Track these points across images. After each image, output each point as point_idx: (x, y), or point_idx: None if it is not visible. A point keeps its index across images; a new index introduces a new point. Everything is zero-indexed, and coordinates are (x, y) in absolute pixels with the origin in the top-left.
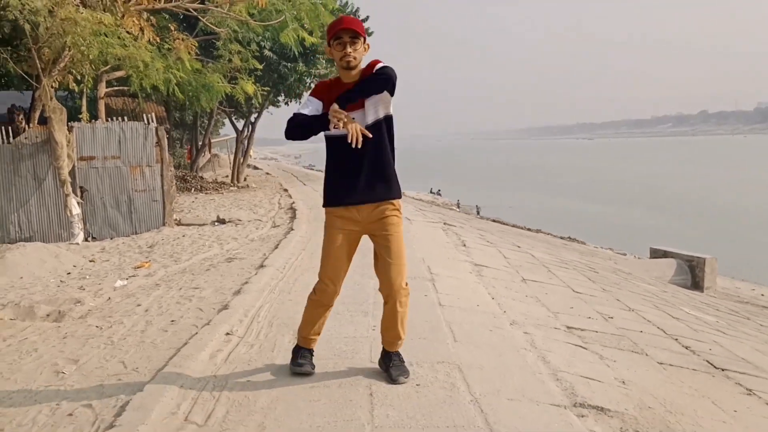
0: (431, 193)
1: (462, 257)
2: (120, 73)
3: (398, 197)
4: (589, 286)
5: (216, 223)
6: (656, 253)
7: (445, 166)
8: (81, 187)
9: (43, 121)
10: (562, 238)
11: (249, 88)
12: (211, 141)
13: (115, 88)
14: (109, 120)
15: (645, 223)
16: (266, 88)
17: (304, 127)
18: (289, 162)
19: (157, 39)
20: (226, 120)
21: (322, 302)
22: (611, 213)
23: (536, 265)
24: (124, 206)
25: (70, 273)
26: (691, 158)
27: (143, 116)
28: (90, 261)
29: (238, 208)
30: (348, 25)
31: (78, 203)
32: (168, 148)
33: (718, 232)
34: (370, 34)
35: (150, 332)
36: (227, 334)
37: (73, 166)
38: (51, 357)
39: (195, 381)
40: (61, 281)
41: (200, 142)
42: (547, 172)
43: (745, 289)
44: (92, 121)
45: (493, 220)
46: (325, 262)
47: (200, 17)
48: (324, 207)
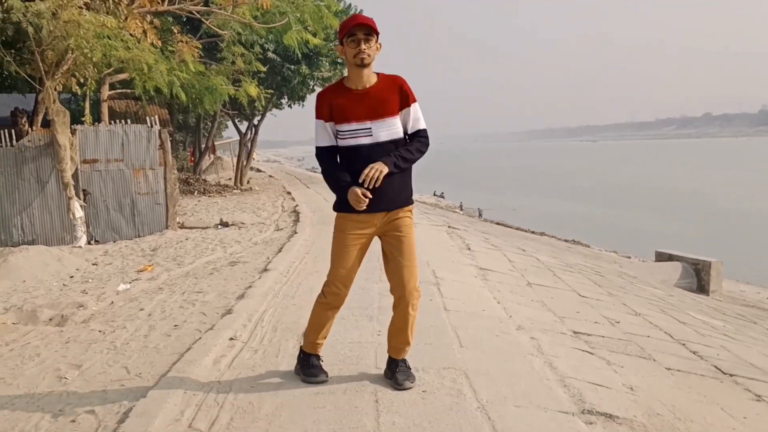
0: (434, 195)
1: (467, 261)
2: (123, 76)
3: (412, 203)
4: (594, 290)
5: (219, 227)
6: (661, 257)
7: (447, 169)
8: (84, 190)
9: (46, 123)
10: (566, 241)
11: (252, 90)
12: (215, 144)
13: (118, 91)
14: (112, 123)
15: (649, 226)
16: (269, 91)
17: (332, 180)
18: (292, 165)
19: (159, 42)
20: (229, 122)
21: (332, 305)
22: (615, 215)
23: (541, 269)
24: (127, 209)
25: (72, 276)
26: (695, 161)
27: (146, 119)
28: (93, 264)
29: (242, 211)
30: (362, 22)
31: (81, 206)
32: (171, 150)
33: (722, 234)
34: None
35: (153, 337)
36: (231, 339)
37: (76, 169)
38: (54, 362)
39: (199, 387)
40: (64, 285)
41: (203, 145)
42: (550, 174)
43: (750, 293)
44: (95, 123)
45: (497, 223)
46: (336, 265)
47: (203, 19)
48: (336, 212)
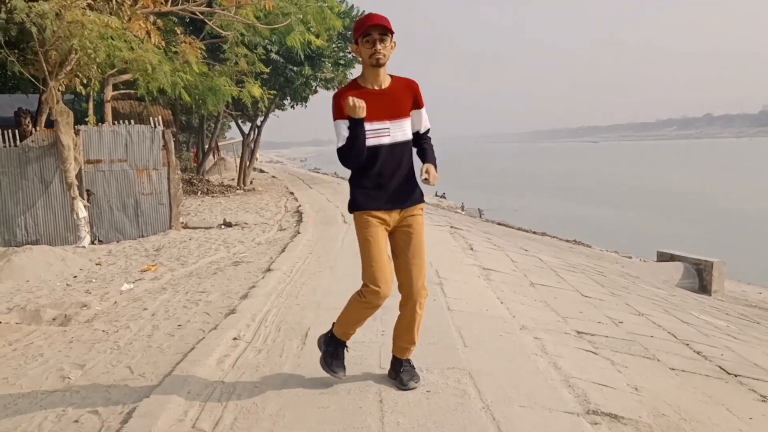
0: (436, 195)
1: (470, 261)
2: (127, 77)
3: (423, 201)
4: (597, 290)
5: (222, 227)
6: (663, 257)
7: (449, 169)
8: (88, 191)
9: (50, 124)
10: (567, 241)
11: (255, 91)
12: (218, 144)
13: (122, 92)
14: (115, 123)
15: (650, 226)
16: (273, 92)
17: (351, 150)
18: (295, 165)
19: (163, 42)
20: (233, 123)
21: (371, 304)
22: (616, 216)
23: (544, 269)
24: (130, 209)
25: (76, 276)
26: (696, 161)
27: (150, 119)
28: (96, 264)
29: (245, 211)
30: (377, 22)
31: (85, 206)
32: (174, 151)
33: (723, 235)
34: None
35: (157, 337)
36: (235, 339)
37: (80, 170)
38: (57, 362)
39: (202, 387)
40: (68, 285)
41: (206, 146)
42: (552, 175)
43: (752, 293)
44: (99, 124)
45: (499, 223)
46: (370, 263)
47: (207, 20)
48: (354, 211)
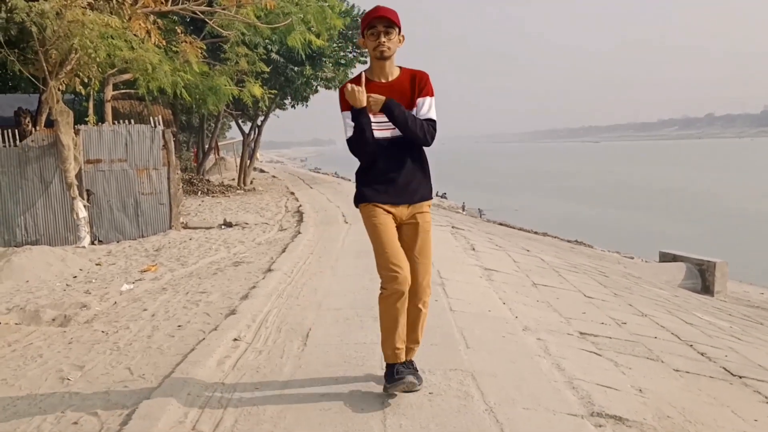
0: (437, 195)
1: (471, 261)
2: (127, 76)
3: (431, 198)
4: (600, 291)
5: (223, 227)
6: (665, 257)
7: (450, 169)
8: (87, 190)
9: (50, 123)
10: (569, 241)
11: (256, 91)
12: (219, 144)
13: (122, 91)
14: (115, 123)
15: (652, 227)
16: (273, 91)
17: (358, 141)
18: (295, 165)
19: (163, 42)
20: (233, 123)
21: (395, 292)
22: (617, 216)
23: (546, 270)
24: (130, 209)
25: (76, 277)
26: (698, 161)
27: (150, 119)
28: (96, 264)
29: (245, 211)
30: (382, 14)
31: (84, 206)
32: (175, 151)
33: (725, 235)
34: None
35: (156, 338)
36: (235, 339)
37: (80, 169)
38: (56, 363)
39: (203, 388)
40: (67, 285)
41: (207, 145)
42: (553, 175)
43: (754, 293)
44: (99, 123)
45: (500, 224)
46: (383, 249)
47: (207, 20)
48: (360, 203)
